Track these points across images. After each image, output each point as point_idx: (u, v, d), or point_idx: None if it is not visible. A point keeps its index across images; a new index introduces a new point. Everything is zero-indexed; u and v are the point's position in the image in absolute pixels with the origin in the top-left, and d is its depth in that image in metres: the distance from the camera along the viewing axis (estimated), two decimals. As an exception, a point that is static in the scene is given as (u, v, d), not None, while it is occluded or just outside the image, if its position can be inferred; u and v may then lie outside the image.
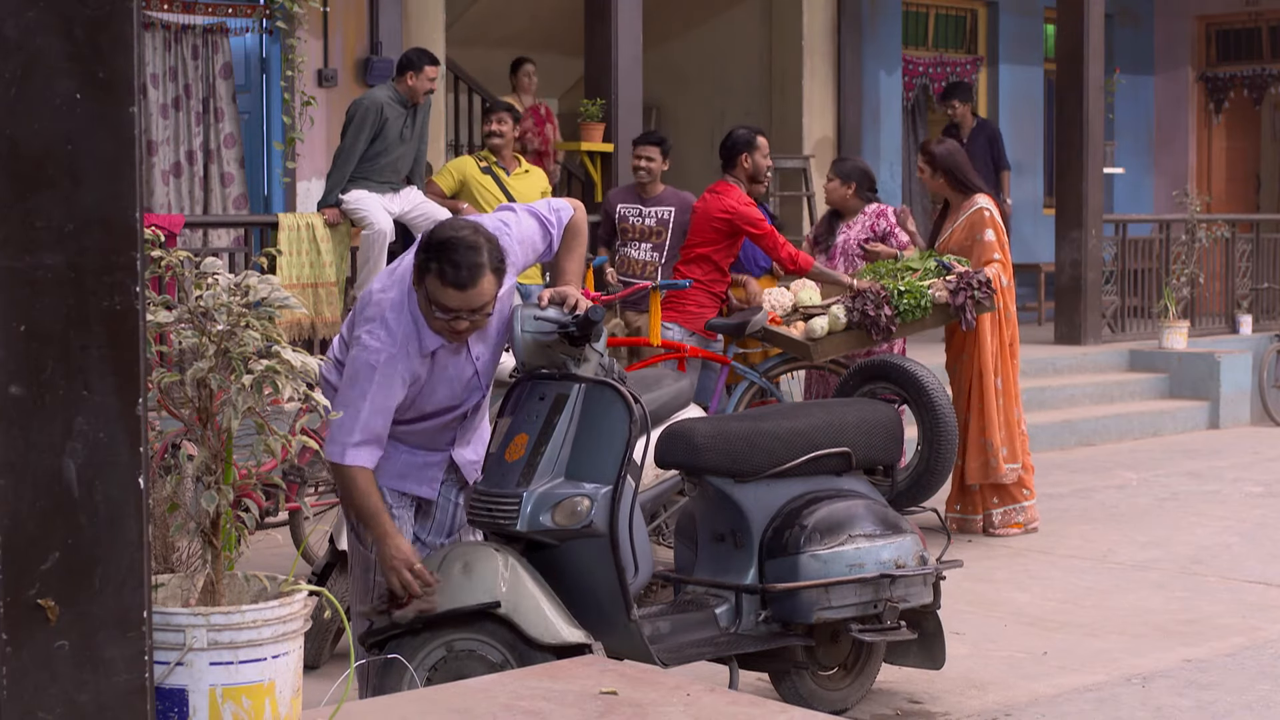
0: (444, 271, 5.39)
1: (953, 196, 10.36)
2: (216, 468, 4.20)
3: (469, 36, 16.24)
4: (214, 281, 4.28)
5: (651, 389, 7.51)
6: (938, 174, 10.31)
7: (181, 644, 3.99)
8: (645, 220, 10.94)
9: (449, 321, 5.50)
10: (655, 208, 10.95)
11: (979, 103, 18.64)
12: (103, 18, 3.23)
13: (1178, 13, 20.51)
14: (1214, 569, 9.41)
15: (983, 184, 10.37)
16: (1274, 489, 12.06)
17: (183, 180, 12.68)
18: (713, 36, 17.73)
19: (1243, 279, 17.27)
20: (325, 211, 11.20)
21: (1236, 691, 7.07)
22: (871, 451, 6.71)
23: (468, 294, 5.42)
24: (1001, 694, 7.06)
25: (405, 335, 5.56)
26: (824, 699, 6.55)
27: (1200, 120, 20.73)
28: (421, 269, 5.45)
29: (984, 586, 8.84)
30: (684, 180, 13.60)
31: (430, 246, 5.44)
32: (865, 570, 6.37)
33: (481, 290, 5.44)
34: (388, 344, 5.52)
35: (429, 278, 5.43)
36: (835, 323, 9.72)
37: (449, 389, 5.78)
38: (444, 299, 5.43)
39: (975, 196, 10.25)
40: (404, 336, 5.56)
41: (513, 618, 5.57)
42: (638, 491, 6.13)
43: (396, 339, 5.54)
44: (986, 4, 18.75)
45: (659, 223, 10.92)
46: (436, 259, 5.40)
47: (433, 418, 5.84)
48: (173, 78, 12.62)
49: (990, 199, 10.28)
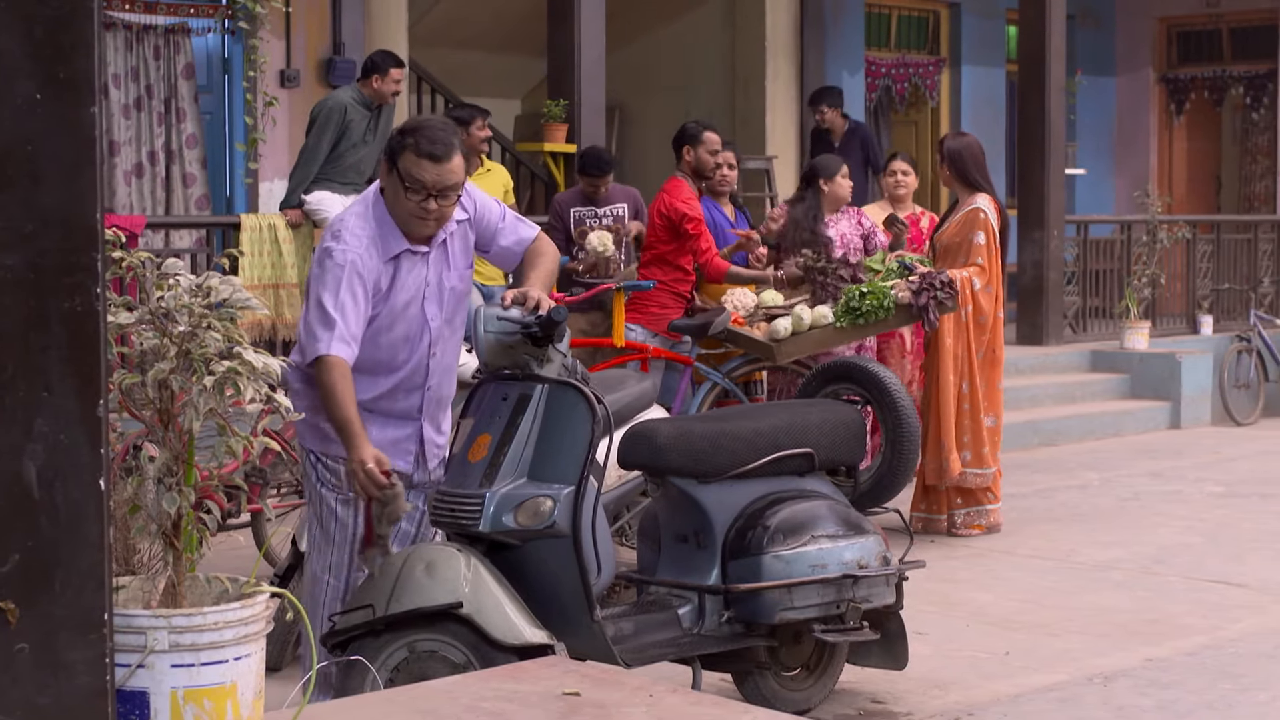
0: (419, 144, 5.61)
1: (959, 191, 10.42)
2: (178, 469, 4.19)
3: (432, 37, 16.21)
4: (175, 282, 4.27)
5: (614, 390, 7.50)
6: (944, 166, 10.41)
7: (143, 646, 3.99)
8: (602, 220, 11.00)
9: (420, 202, 5.66)
10: (609, 206, 11.03)
11: (941, 103, 18.69)
12: (63, 17, 3.22)
13: (1139, 14, 20.58)
14: (1176, 569, 9.44)
15: (987, 184, 10.38)
16: (1235, 489, 12.11)
17: (144, 181, 12.64)
18: (676, 37, 17.73)
19: (1203, 280, 17.34)
20: (287, 212, 11.18)
21: (1198, 691, 7.10)
22: (834, 452, 6.72)
23: (441, 168, 5.61)
24: (963, 694, 7.07)
25: (370, 237, 5.71)
26: (787, 699, 6.56)
27: (1161, 121, 20.80)
28: (396, 151, 5.67)
29: (946, 587, 8.86)
30: (647, 182, 13.59)
31: (405, 130, 5.71)
32: (828, 571, 6.37)
33: (454, 167, 5.65)
34: (353, 245, 5.67)
35: (405, 155, 5.64)
36: (798, 323, 9.73)
37: (405, 327, 5.83)
38: (419, 172, 5.62)
39: (976, 195, 10.27)
40: (368, 238, 5.71)
41: (475, 618, 5.57)
42: (600, 492, 6.14)
43: (361, 240, 5.69)
44: (949, 5, 18.79)
45: (615, 220, 11.01)
46: (413, 135, 5.65)
47: (393, 372, 5.85)
48: (134, 78, 12.58)
49: (991, 200, 10.29)
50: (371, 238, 5.71)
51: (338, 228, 5.75)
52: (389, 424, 5.92)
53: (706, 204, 10.35)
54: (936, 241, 10.47)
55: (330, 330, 5.58)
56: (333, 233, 5.75)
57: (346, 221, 5.76)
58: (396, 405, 5.91)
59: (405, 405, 5.93)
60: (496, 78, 17.62)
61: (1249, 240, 17.84)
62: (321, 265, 5.69)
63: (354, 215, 5.77)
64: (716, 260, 10.06)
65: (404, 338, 5.84)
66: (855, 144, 15.41)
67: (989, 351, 10.33)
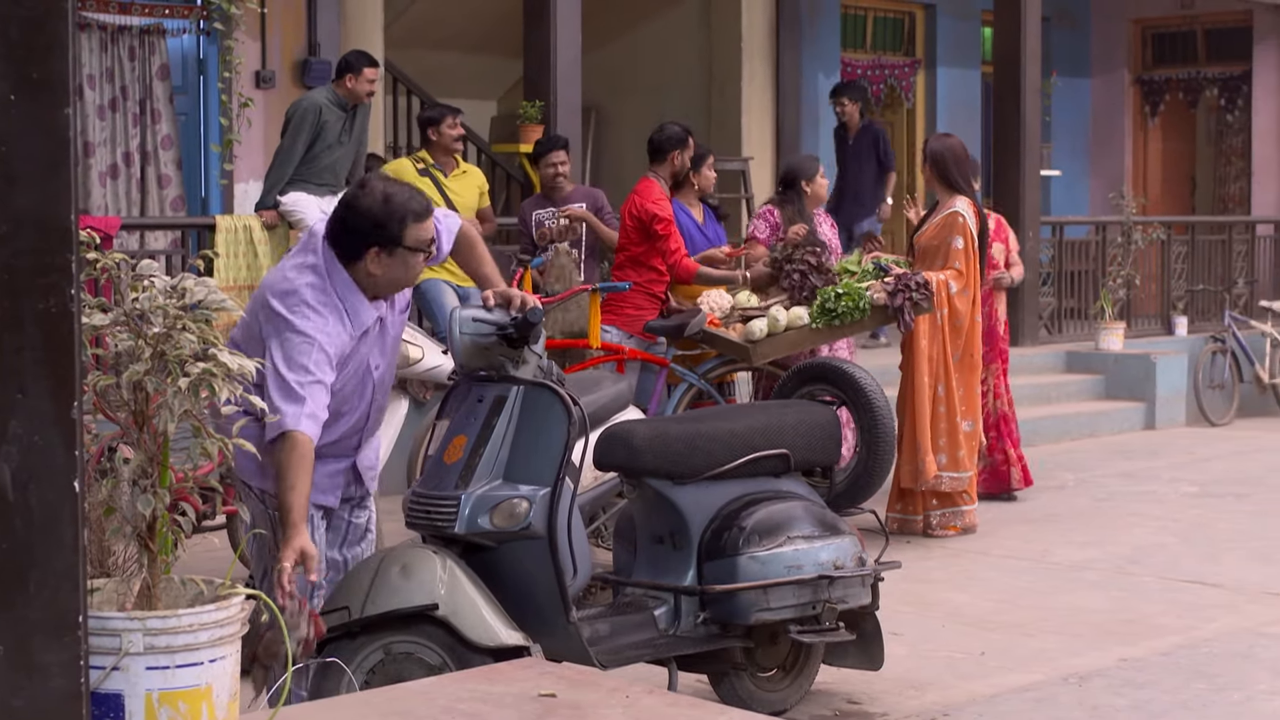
0: (411, 209, 5.50)
1: (940, 193, 10.42)
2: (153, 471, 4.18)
3: (407, 38, 16.20)
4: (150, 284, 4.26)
5: (590, 391, 7.51)
6: (927, 166, 10.42)
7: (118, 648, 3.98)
8: (559, 220, 11.01)
9: (426, 259, 5.61)
10: (566, 206, 11.04)
11: (917, 104, 18.72)
12: (37, 18, 3.21)
13: (1114, 16, 20.62)
14: (1150, 569, 9.46)
15: (968, 187, 10.39)
16: (1209, 489, 12.14)
17: (119, 182, 12.60)
18: (652, 38, 17.73)
19: (1178, 281, 17.38)
20: (263, 213, 11.16)
21: (1172, 691, 7.12)
22: (810, 453, 6.73)
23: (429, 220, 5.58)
24: (939, 694, 7.09)
25: (336, 313, 5.47)
26: (763, 700, 6.56)
27: (1136, 123, 20.85)
28: (396, 233, 5.46)
29: (922, 587, 8.87)
30: (622, 182, 13.59)
31: (390, 206, 5.48)
32: (804, 572, 6.38)
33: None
34: (317, 323, 5.40)
35: (408, 229, 5.47)
36: (774, 324, 9.73)
37: (356, 382, 5.63)
38: (423, 231, 5.52)
39: (956, 198, 10.28)
40: (334, 315, 5.46)
41: (451, 620, 5.57)
42: (576, 493, 6.14)
43: (327, 318, 5.43)
44: (924, 6, 18.81)
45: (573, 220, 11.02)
46: (399, 208, 5.49)
47: (339, 421, 5.64)
48: (109, 79, 12.54)
49: (970, 204, 10.29)
50: (338, 314, 5.47)
51: (293, 300, 5.43)
52: (327, 461, 5.70)
53: (675, 206, 10.36)
54: (915, 243, 10.48)
55: (298, 406, 5.28)
56: (288, 303, 5.43)
57: (302, 294, 5.45)
58: (337, 447, 5.75)
59: (345, 445, 5.78)
60: (472, 79, 17.61)
61: (1223, 241, 17.89)
62: (280, 335, 5.38)
63: (309, 288, 5.46)
64: (685, 261, 10.07)
65: (354, 391, 5.65)
66: (868, 141, 15.53)
67: (966, 355, 10.32)
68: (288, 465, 5.25)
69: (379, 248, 5.47)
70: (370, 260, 5.48)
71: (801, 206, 10.60)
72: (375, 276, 5.51)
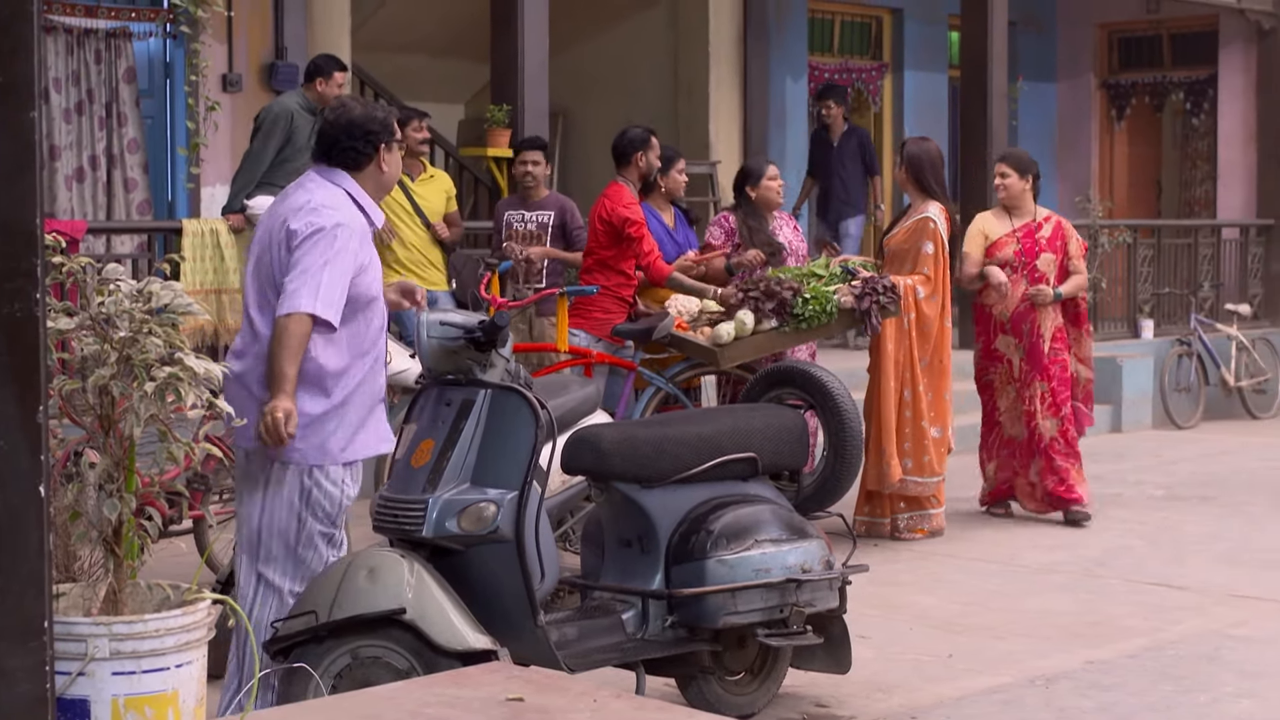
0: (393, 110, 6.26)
1: (913, 196, 10.43)
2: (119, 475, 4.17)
3: (375, 41, 16.16)
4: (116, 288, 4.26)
5: (558, 395, 7.50)
6: (902, 169, 10.40)
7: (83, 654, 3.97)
8: (527, 225, 11.02)
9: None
10: (537, 212, 11.05)
11: (884, 108, 18.74)
12: (2, 21, 3.20)
13: (1080, 20, 20.67)
14: (1117, 571, 9.49)
15: (942, 192, 10.40)
16: (1176, 491, 12.18)
17: (85, 186, 12.56)
18: (619, 42, 17.72)
19: (1144, 284, 17.42)
20: (230, 217, 11.13)
21: (1138, 693, 7.14)
22: (777, 457, 6.74)
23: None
24: (907, 697, 7.10)
25: (349, 217, 5.84)
26: (730, 704, 6.57)
27: (1102, 126, 20.90)
28: (390, 124, 6.08)
29: (890, 590, 8.88)
30: (590, 186, 13.57)
31: (377, 112, 6.10)
32: (771, 575, 6.39)
33: None
34: (342, 219, 5.80)
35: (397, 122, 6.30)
36: (742, 328, 9.74)
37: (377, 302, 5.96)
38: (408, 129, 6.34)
39: (929, 203, 10.28)
40: (349, 218, 5.84)
41: (419, 624, 5.56)
42: (544, 497, 6.14)
43: (344, 217, 5.82)
44: (891, 11, 18.84)
45: (539, 226, 11.03)
46: (384, 109, 6.23)
47: (367, 356, 5.90)
48: (75, 82, 12.50)
49: (943, 209, 10.31)
50: (350, 216, 5.87)
51: (329, 210, 5.82)
52: (378, 408, 5.99)
53: (645, 210, 10.35)
54: (885, 246, 10.49)
55: (316, 293, 5.65)
56: (311, 208, 5.83)
57: (321, 202, 5.85)
58: (377, 384, 5.97)
59: (378, 386, 6.01)
60: (440, 82, 17.59)
61: (1189, 245, 17.95)
62: (311, 236, 5.74)
63: (327, 202, 5.86)
64: (659, 263, 10.07)
65: (379, 318, 5.97)
66: (853, 145, 15.64)
67: (934, 360, 10.32)
68: (298, 338, 5.63)
69: (385, 143, 6.03)
70: (382, 156, 6.03)
71: (751, 210, 10.62)
72: (384, 174, 6.06)
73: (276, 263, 5.80)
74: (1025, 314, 10.71)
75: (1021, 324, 10.73)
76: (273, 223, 5.91)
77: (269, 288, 5.80)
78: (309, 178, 6.02)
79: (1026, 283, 10.71)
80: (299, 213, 5.82)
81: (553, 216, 11.06)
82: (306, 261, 5.69)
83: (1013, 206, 10.94)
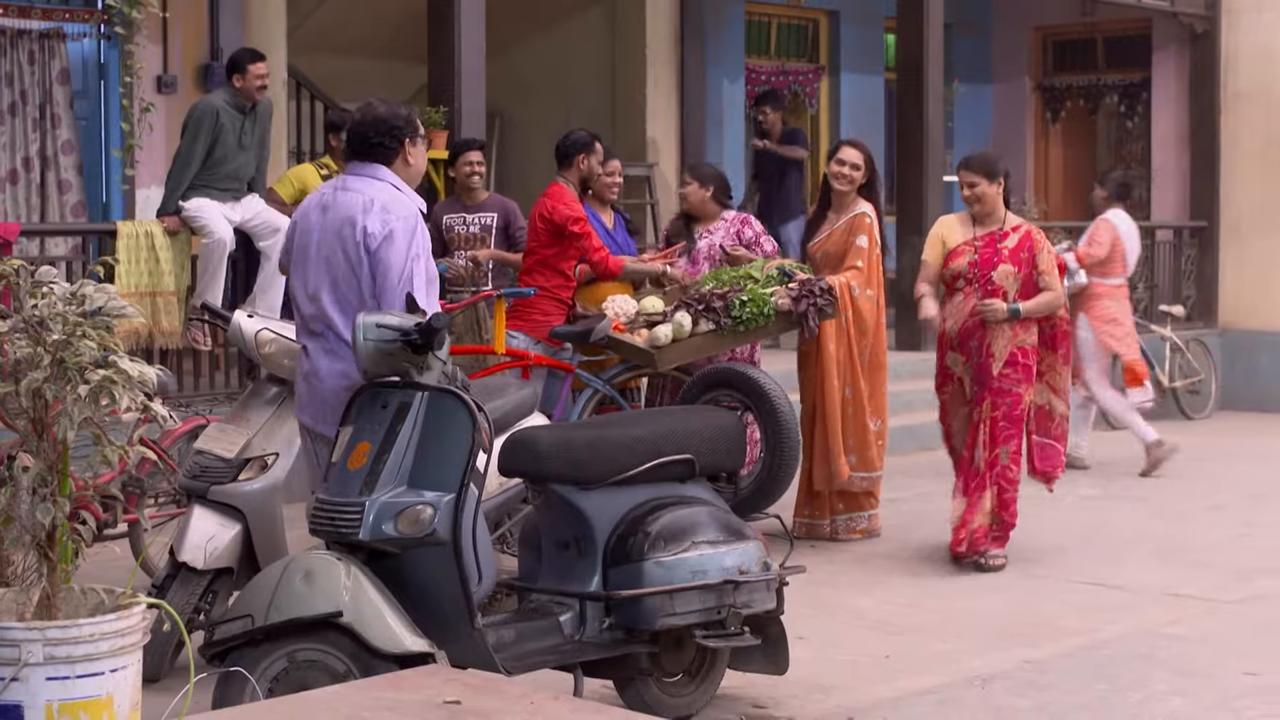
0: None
1: (848, 196, 10.32)
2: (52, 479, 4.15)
3: (312, 43, 16.11)
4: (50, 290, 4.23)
5: (495, 397, 7.49)
6: (859, 169, 10.27)
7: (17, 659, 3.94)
8: (469, 228, 11.02)
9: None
10: (479, 214, 11.04)
11: (821, 110, 18.80)
12: (-67, 23, 3.18)
13: (1015, 23, 20.77)
14: (1052, 571, 9.54)
15: (875, 195, 10.41)
16: (1110, 490, 12.26)
17: (19, 187, 12.48)
18: (556, 44, 17.72)
19: (1079, 286, 17.49)
20: (165, 219, 11.07)
21: (1073, 692, 7.18)
22: (715, 458, 6.76)
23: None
24: (844, 697, 7.12)
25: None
26: (669, 705, 6.58)
27: (1038, 129, 21.01)
28: (414, 119, 6.61)
29: (827, 591, 8.91)
30: (528, 187, 13.57)
31: (400, 109, 6.63)
32: (709, 576, 6.40)
33: None
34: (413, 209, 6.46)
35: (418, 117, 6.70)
36: (679, 330, 9.75)
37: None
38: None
39: (860, 202, 10.28)
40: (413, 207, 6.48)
41: (355, 627, 5.55)
42: (481, 500, 6.13)
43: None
44: (828, 13, 18.89)
45: (482, 229, 11.02)
46: (405, 107, 6.69)
47: None
48: (8, 83, 12.42)
49: (874, 210, 10.34)
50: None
51: (397, 208, 6.38)
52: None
53: (586, 211, 10.36)
54: (811, 253, 10.45)
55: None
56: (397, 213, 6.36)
57: (396, 198, 6.43)
58: None
59: None
60: (377, 84, 17.50)
61: (1124, 247, 18.02)
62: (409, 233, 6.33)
63: (403, 198, 6.46)
64: (610, 258, 10.07)
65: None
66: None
67: (872, 356, 10.35)
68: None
69: (410, 138, 6.54)
70: (407, 150, 6.53)
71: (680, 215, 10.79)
72: (410, 166, 6.56)
73: (356, 262, 6.34)
74: (974, 330, 9.61)
75: (969, 341, 9.66)
76: (337, 224, 6.43)
77: (350, 291, 6.35)
78: (352, 173, 6.53)
79: (979, 296, 9.61)
80: (370, 213, 6.35)
81: (496, 218, 11.04)
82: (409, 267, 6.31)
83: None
